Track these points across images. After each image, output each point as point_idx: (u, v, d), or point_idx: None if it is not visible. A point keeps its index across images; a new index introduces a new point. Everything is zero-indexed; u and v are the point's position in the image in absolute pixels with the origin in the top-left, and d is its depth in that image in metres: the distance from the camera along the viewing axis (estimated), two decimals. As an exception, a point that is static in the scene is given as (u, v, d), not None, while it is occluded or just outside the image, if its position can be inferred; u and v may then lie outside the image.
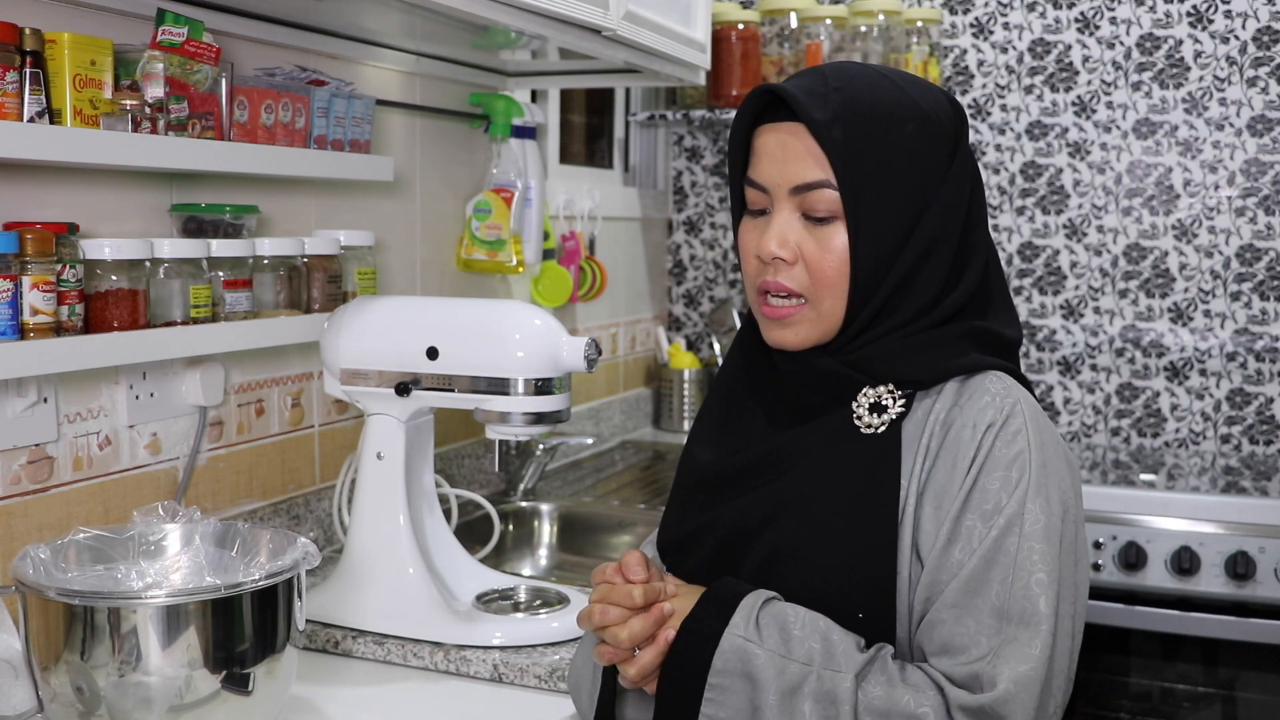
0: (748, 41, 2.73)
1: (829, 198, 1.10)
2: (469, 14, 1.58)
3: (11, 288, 1.26)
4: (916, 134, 1.11)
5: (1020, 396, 1.11)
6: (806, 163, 1.10)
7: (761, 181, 1.14)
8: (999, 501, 1.05)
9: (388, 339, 1.54)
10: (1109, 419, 2.91)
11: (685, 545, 1.21)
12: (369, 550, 1.56)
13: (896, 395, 1.12)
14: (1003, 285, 1.20)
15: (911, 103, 1.12)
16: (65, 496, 1.48)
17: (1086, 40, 2.85)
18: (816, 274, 1.12)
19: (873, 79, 1.13)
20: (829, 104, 1.09)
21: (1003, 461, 1.07)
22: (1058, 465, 1.10)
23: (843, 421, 1.13)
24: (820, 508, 1.11)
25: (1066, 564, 1.07)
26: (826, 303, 1.12)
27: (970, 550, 1.05)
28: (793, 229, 1.12)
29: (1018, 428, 1.08)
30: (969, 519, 1.06)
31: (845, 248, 1.10)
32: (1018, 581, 1.03)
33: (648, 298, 3.17)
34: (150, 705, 1.13)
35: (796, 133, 1.10)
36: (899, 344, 1.13)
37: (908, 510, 1.09)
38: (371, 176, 1.82)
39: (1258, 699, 2.34)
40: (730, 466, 1.19)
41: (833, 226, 1.11)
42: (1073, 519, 1.09)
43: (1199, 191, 2.80)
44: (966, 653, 1.03)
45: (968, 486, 1.07)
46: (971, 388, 1.12)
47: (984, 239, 1.17)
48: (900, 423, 1.12)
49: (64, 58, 1.30)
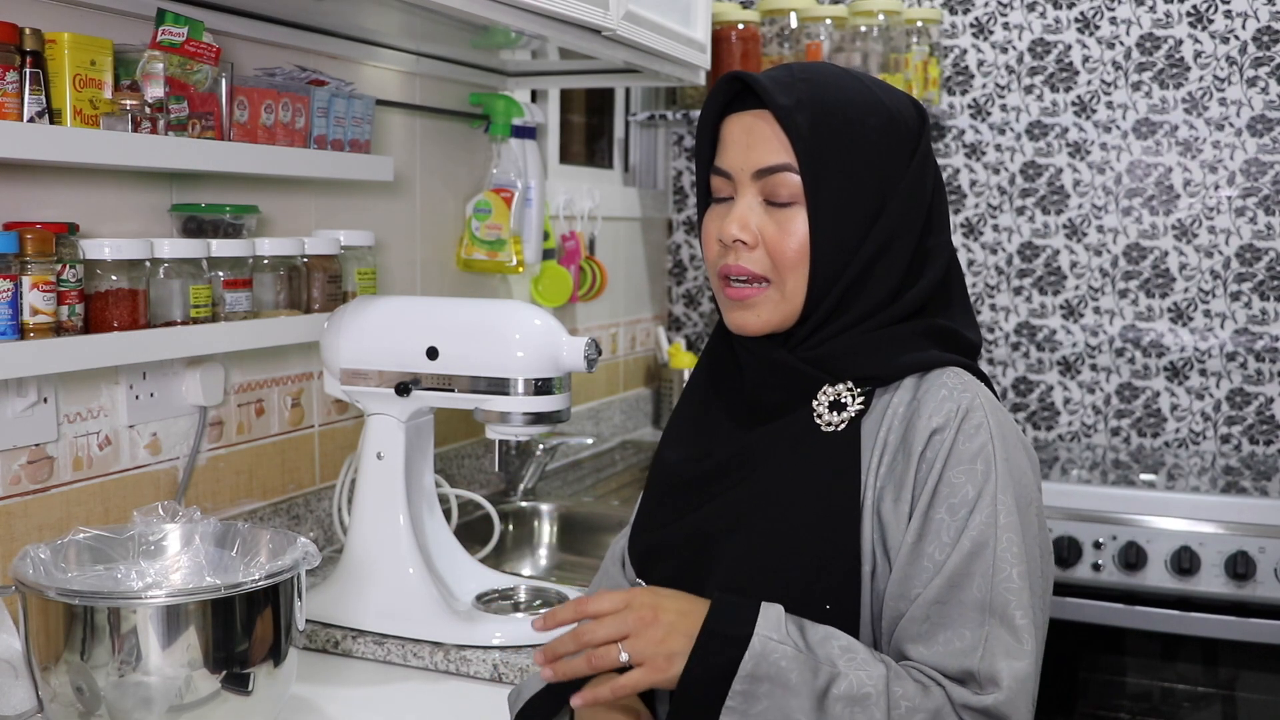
0: (748, 41, 2.73)
1: (791, 182, 1.11)
2: (469, 14, 1.58)
3: (11, 288, 1.26)
4: (879, 128, 1.13)
5: (978, 390, 1.12)
6: (771, 145, 1.12)
7: (726, 168, 1.16)
8: (965, 494, 1.06)
9: (388, 339, 1.54)
10: (1109, 419, 2.91)
11: (655, 553, 1.22)
12: (369, 550, 1.56)
13: (855, 393, 1.13)
14: (963, 292, 1.21)
15: (875, 98, 1.14)
16: (65, 496, 1.48)
17: (1086, 40, 2.85)
18: (777, 257, 1.13)
19: (838, 74, 1.16)
20: (794, 91, 1.11)
21: (966, 455, 1.07)
22: (1019, 459, 1.11)
23: (804, 421, 1.14)
24: (785, 509, 1.12)
25: (1033, 557, 1.08)
26: (789, 284, 1.13)
27: (943, 545, 1.06)
28: (754, 213, 1.14)
29: (979, 421, 1.09)
30: (938, 514, 1.07)
31: (805, 233, 1.12)
32: (998, 574, 1.04)
33: (648, 298, 3.17)
34: (150, 705, 1.13)
35: (762, 118, 1.13)
36: (857, 340, 1.14)
37: (868, 506, 1.10)
38: (371, 176, 1.82)
39: (1258, 699, 2.34)
40: (696, 471, 1.20)
41: (793, 210, 1.12)
42: (1035, 511, 1.11)
43: (1199, 191, 2.80)
44: (951, 646, 1.03)
45: (933, 481, 1.07)
46: (929, 383, 1.13)
47: (945, 244, 1.19)
48: (860, 420, 1.13)
49: (64, 58, 1.30)
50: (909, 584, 1.07)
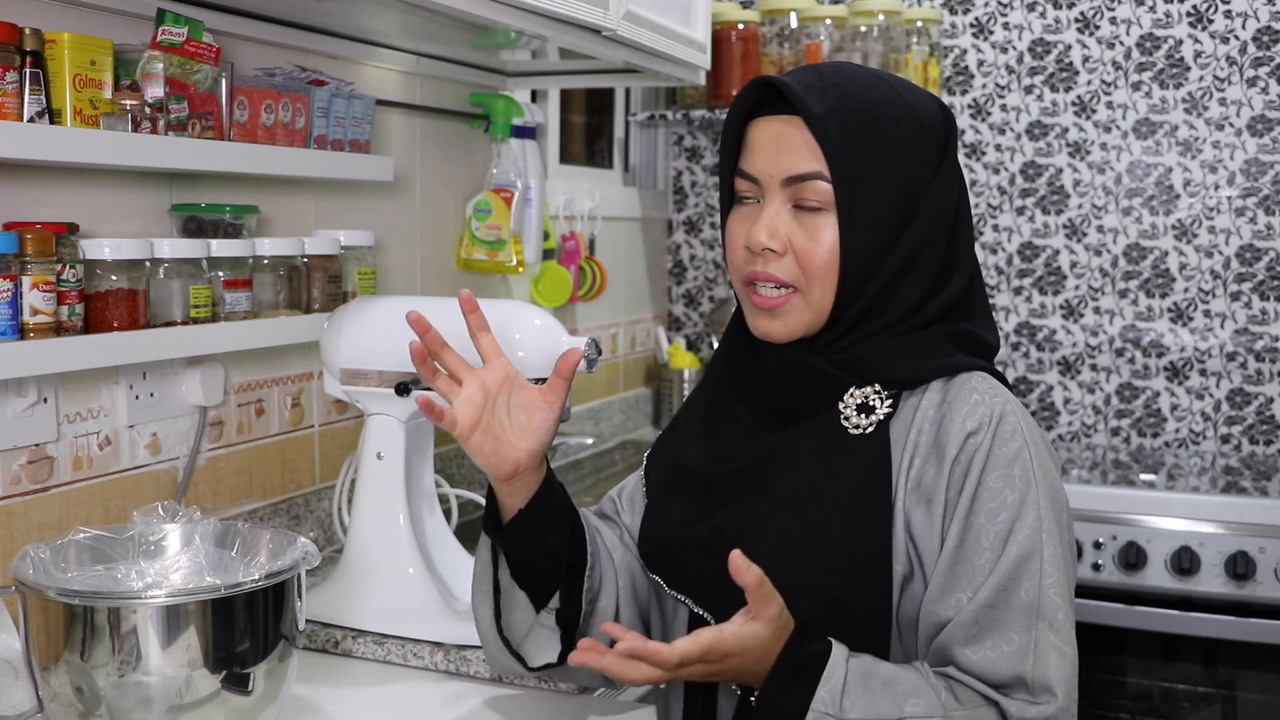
0: (748, 41, 2.73)
1: (821, 189, 1.11)
2: (469, 14, 1.58)
3: (11, 288, 1.26)
4: (908, 133, 1.12)
5: (1008, 396, 1.13)
6: (802, 154, 1.11)
7: (753, 172, 1.15)
8: (1005, 499, 1.06)
9: (388, 339, 1.54)
10: (1109, 419, 2.91)
11: (677, 553, 1.21)
12: (369, 550, 1.56)
13: (883, 395, 1.13)
14: (984, 295, 1.21)
15: (904, 103, 1.14)
16: (65, 496, 1.48)
17: (1086, 40, 2.85)
18: (806, 265, 1.12)
19: (867, 78, 1.15)
20: (826, 98, 1.10)
21: (1003, 460, 1.08)
22: (1050, 464, 1.12)
23: (831, 423, 1.14)
24: (815, 511, 1.11)
25: (1069, 560, 1.10)
26: (816, 293, 1.13)
27: (984, 550, 1.06)
28: (783, 220, 1.13)
29: (1014, 426, 1.09)
30: (978, 519, 1.07)
31: (834, 240, 1.11)
32: (1046, 579, 1.05)
33: (648, 298, 3.17)
34: (150, 705, 1.13)
35: (793, 124, 1.12)
36: (886, 344, 1.14)
37: (899, 508, 1.10)
38: (371, 176, 1.82)
39: (1258, 699, 2.34)
40: (719, 471, 1.19)
41: (822, 218, 1.11)
42: (1067, 515, 1.12)
43: (1199, 191, 2.80)
44: (999, 650, 1.04)
45: (972, 486, 1.07)
46: (957, 387, 1.13)
47: (969, 247, 1.18)
48: (888, 423, 1.12)
49: (64, 58, 1.30)
50: (952, 589, 1.06)
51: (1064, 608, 1.05)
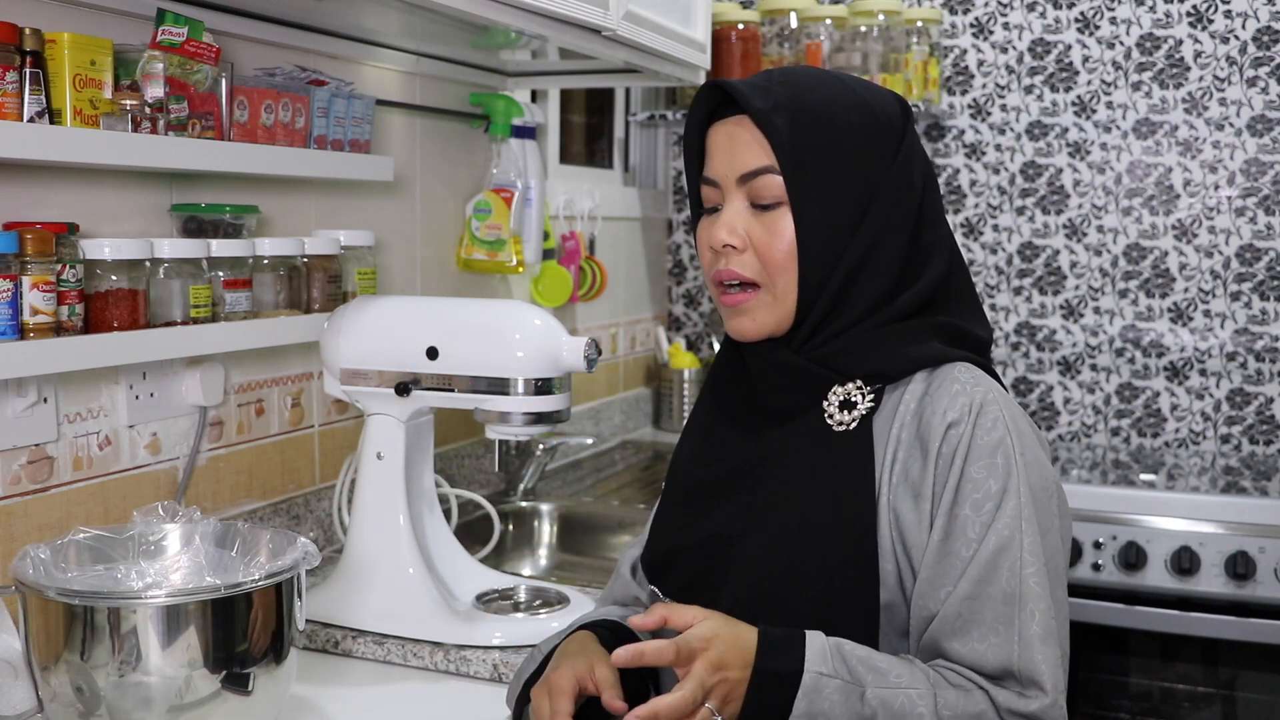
0: (748, 41, 2.73)
1: (774, 184, 1.12)
2: (469, 14, 1.58)
3: (11, 288, 1.26)
4: (860, 125, 1.13)
5: (990, 385, 1.12)
6: (752, 150, 1.13)
7: (713, 176, 1.17)
8: (988, 489, 1.07)
9: (388, 339, 1.54)
10: (1109, 419, 2.91)
11: (670, 557, 1.22)
12: (369, 550, 1.56)
13: (865, 391, 1.13)
14: (970, 286, 1.21)
15: (856, 97, 1.15)
16: (65, 496, 1.48)
17: (1086, 40, 2.85)
18: (766, 259, 1.14)
19: (819, 75, 1.17)
20: (771, 95, 1.12)
21: (985, 450, 1.08)
22: (1035, 451, 1.12)
23: (815, 421, 1.14)
24: (801, 509, 1.12)
25: (1055, 547, 1.09)
26: (779, 285, 1.14)
27: (970, 541, 1.06)
28: (741, 217, 1.15)
29: (995, 415, 1.09)
30: (963, 510, 1.07)
31: (792, 234, 1.12)
32: (1026, 568, 1.05)
33: (648, 298, 3.17)
34: (150, 705, 1.13)
35: (742, 124, 1.14)
36: (863, 338, 1.14)
37: (884, 503, 1.10)
38: (371, 176, 1.82)
39: (1258, 699, 2.34)
40: (709, 476, 1.21)
41: (778, 212, 1.13)
42: (1056, 501, 1.12)
43: (1199, 191, 2.80)
44: (986, 641, 1.04)
45: (955, 478, 1.07)
46: (940, 378, 1.13)
47: (944, 237, 1.19)
48: (871, 418, 1.13)
49: (64, 58, 1.30)
50: (939, 582, 1.07)
51: (1045, 597, 1.05)
